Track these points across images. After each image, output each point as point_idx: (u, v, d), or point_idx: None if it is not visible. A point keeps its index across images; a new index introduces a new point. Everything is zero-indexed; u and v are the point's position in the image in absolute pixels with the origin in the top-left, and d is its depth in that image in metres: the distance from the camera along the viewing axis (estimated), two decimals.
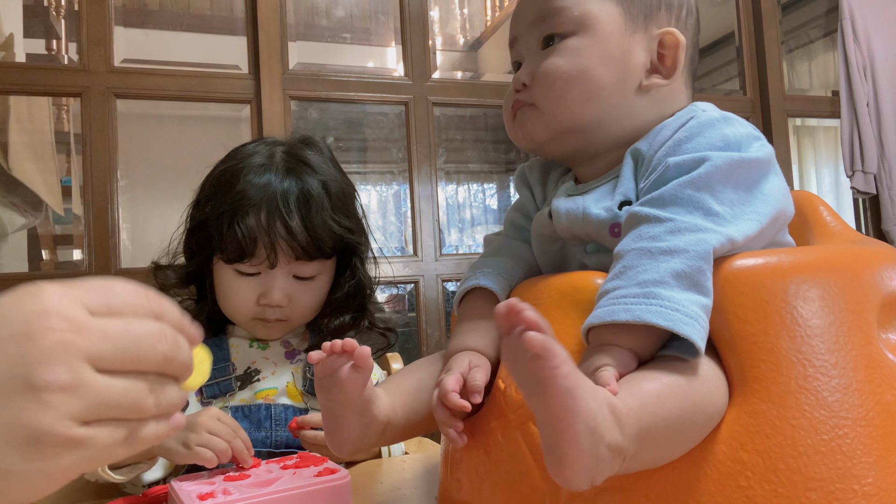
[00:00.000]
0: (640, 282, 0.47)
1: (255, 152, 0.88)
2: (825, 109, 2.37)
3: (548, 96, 0.60)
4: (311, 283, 0.88)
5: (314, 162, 0.88)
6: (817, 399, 0.45)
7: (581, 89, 0.59)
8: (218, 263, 0.87)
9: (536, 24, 0.62)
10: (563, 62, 0.59)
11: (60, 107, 2.46)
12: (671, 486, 0.46)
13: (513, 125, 0.64)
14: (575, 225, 0.59)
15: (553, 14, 0.60)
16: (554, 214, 0.61)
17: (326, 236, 0.85)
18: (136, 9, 2.99)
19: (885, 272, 0.52)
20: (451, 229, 4.09)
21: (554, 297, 0.55)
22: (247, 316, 0.87)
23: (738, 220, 0.50)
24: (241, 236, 0.82)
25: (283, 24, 1.78)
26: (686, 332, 0.45)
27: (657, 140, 0.57)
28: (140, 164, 2.41)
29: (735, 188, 0.51)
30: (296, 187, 0.84)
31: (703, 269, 0.47)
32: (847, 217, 2.47)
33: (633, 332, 0.47)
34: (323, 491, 0.59)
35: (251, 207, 0.83)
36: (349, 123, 3.58)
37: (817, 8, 2.65)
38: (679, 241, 0.48)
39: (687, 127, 0.56)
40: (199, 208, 0.88)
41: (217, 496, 0.57)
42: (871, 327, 0.49)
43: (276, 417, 0.85)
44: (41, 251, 2.41)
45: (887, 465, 0.45)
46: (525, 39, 0.63)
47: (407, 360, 1.16)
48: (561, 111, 0.60)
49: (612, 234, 0.56)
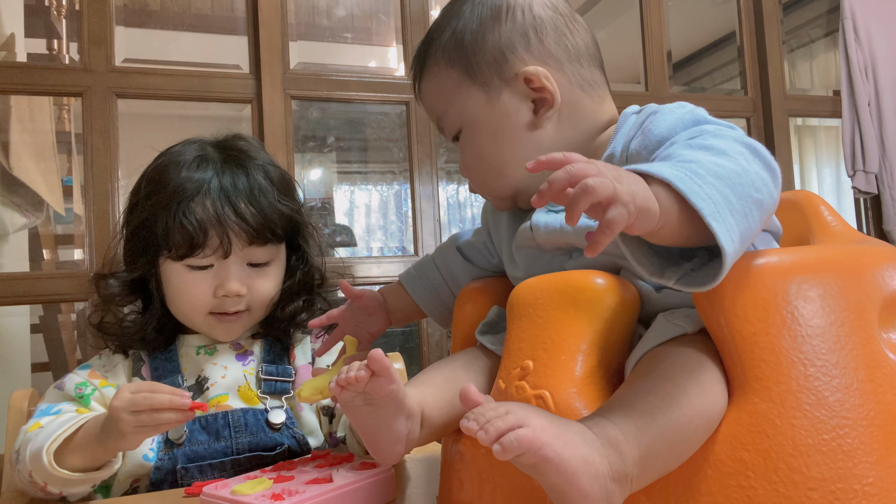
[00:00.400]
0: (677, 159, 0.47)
1: (185, 150, 0.87)
2: (826, 109, 2.37)
3: (478, 185, 0.68)
4: (266, 269, 0.87)
5: (249, 150, 0.88)
6: (818, 399, 0.45)
7: (490, 169, 0.66)
8: (166, 263, 0.84)
9: (440, 130, 0.70)
10: (467, 159, 0.68)
11: (61, 106, 2.46)
12: (672, 485, 0.46)
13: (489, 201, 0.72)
14: (553, 235, 0.62)
15: (441, 123, 0.69)
16: (534, 228, 0.64)
17: (276, 217, 0.85)
18: (137, 9, 3.00)
19: (886, 272, 0.52)
20: (451, 229, 4.09)
21: (554, 297, 0.55)
22: (204, 313, 0.85)
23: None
24: (190, 228, 0.80)
25: (284, 23, 1.78)
26: (699, 205, 0.41)
27: (622, 140, 0.60)
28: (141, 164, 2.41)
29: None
30: (239, 173, 0.84)
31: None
32: (848, 217, 2.47)
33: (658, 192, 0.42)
34: (376, 483, 0.63)
35: (196, 197, 0.81)
36: (350, 123, 3.58)
37: (818, 7, 2.65)
38: (720, 143, 0.48)
39: (649, 119, 0.58)
40: (136, 210, 0.85)
41: (284, 497, 0.58)
42: (872, 327, 0.49)
43: (235, 424, 0.82)
44: (42, 251, 2.42)
45: (888, 465, 0.45)
46: (445, 137, 0.71)
47: (407, 360, 1.16)
48: (493, 189, 0.68)
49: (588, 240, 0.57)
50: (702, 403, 0.45)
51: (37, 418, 0.79)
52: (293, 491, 0.59)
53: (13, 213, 2.05)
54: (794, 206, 0.69)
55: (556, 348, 0.53)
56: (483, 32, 0.64)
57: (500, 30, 0.64)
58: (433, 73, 0.68)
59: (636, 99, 2.16)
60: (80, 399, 0.82)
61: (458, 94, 0.65)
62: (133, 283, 0.87)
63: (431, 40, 0.68)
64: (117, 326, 0.87)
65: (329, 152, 3.74)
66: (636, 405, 0.44)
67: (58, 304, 2.30)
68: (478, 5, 0.65)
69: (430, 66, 0.68)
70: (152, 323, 0.86)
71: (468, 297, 0.74)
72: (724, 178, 0.44)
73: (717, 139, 0.49)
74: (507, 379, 0.56)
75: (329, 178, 3.92)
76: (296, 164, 1.81)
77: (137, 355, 0.87)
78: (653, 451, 0.42)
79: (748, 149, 0.49)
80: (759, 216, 0.45)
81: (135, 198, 0.87)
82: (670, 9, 2.23)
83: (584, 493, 0.39)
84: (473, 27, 0.64)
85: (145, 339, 0.86)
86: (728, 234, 0.41)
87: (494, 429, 0.39)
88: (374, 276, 1.80)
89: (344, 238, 3.30)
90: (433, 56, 0.67)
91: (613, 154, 0.61)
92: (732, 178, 0.44)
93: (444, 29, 0.67)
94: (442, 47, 0.66)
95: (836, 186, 3.48)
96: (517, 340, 0.56)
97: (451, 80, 0.66)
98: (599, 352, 0.53)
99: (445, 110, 0.67)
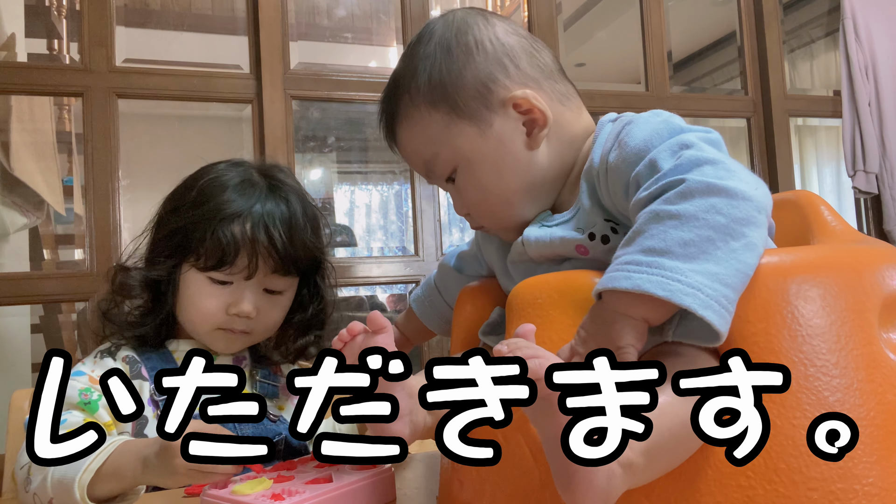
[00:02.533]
0: (644, 248, 0.48)
1: (230, 170, 0.90)
2: (827, 109, 2.37)
3: (487, 221, 0.69)
4: (279, 297, 0.90)
5: (290, 185, 0.92)
6: (818, 399, 0.45)
7: (498, 202, 0.66)
8: (189, 271, 0.86)
9: (430, 175, 0.69)
10: (469, 196, 0.67)
11: (62, 106, 2.46)
12: (672, 485, 0.46)
13: (491, 232, 0.72)
14: (543, 248, 0.64)
15: (431, 167, 0.68)
16: (525, 243, 0.65)
17: (303, 252, 0.88)
18: (137, 9, 3.00)
19: (886, 272, 0.52)
20: (451, 229, 4.09)
21: (552, 297, 0.55)
22: (212, 325, 0.87)
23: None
24: (224, 243, 0.83)
25: (285, 23, 1.78)
26: (686, 302, 0.45)
27: (598, 150, 0.61)
28: (142, 164, 2.41)
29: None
30: (280, 205, 0.88)
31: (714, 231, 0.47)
32: (848, 217, 2.47)
33: (639, 300, 0.47)
34: (376, 483, 0.63)
35: (237, 217, 0.84)
36: (350, 123, 3.59)
37: (819, 7, 2.65)
38: (688, 206, 0.48)
39: (625, 130, 0.59)
40: (178, 213, 0.87)
41: (284, 497, 0.58)
42: (872, 327, 0.49)
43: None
44: (43, 251, 2.42)
45: (888, 465, 0.45)
46: (435, 183, 0.71)
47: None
48: (501, 220, 0.68)
49: (580, 253, 0.61)
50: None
51: None
52: (293, 491, 0.59)
53: (13, 212, 2.05)
54: (795, 206, 0.69)
55: (556, 348, 0.53)
56: (459, 69, 0.64)
57: (475, 63, 0.64)
58: (414, 120, 0.67)
59: (636, 99, 2.16)
60: (86, 406, 0.81)
61: (448, 134, 0.65)
62: (150, 281, 0.89)
63: (401, 88, 0.67)
64: (122, 317, 0.89)
65: (329, 152, 3.74)
66: None
67: (58, 303, 2.30)
68: (443, 46, 0.65)
69: (408, 114, 0.67)
70: (155, 322, 0.89)
71: (468, 297, 0.74)
72: (702, 253, 0.47)
73: (683, 201, 0.48)
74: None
75: (329, 178, 3.93)
76: (296, 164, 1.81)
77: (131, 357, 0.87)
78: (659, 445, 0.42)
79: (714, 192, 0.48)
80: (750, 256, 0.47)
81: (177, 202, 0.89)
82: (670, 9, 2.23)
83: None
84: (448, 66, 0.64)
85: (144, 336, 0.89)
86: (719, 317, 0.45)
87: (523, 352, 0.41)
88: (374, 276, 1.80)
89: (344, 238, 3.31)
90: (410, 102, 0.66)
91: (592, 165, 0.62)
92: (710, 251, 0.47)
93: (414, 73, 0.66)
94: (418, 91, 0.65)
95: (837, 186, 3.48)
96: None
97: (437, 121, 0.65)
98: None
99: (436, 153, 0.66)
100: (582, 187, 0.62)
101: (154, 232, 0.91)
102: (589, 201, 0.61)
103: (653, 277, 0.46)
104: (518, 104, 0.64)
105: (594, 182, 0.61)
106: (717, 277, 0.45)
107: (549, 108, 0.65)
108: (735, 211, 0.47)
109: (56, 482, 0.71)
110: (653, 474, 0.45)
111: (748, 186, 0.49)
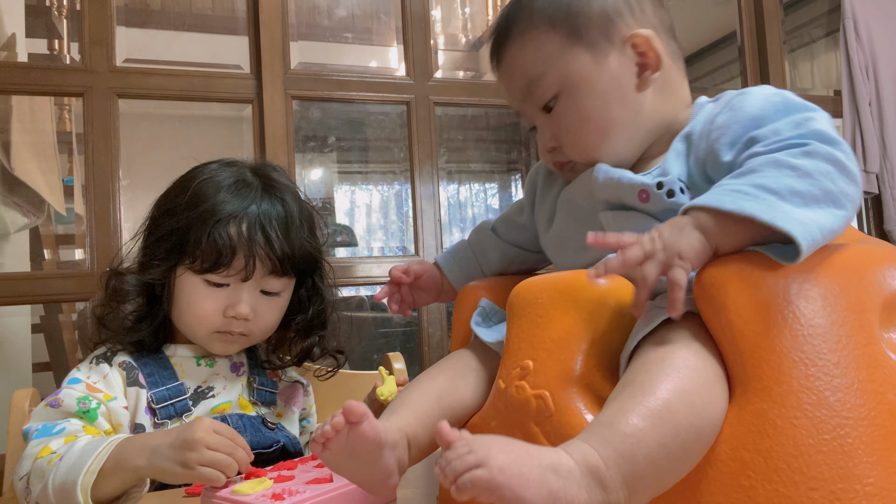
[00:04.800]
0: (756, 184, 0.50)
1: (223, 170, 0.89)
2: (827, 109, 2.33)
3: (578, 152, 0.67)
4: (276, 299, 0.89)
5: (285, 184, 0.91)
6: (819, 399, 0.45)
7: (596, 132, 0.65)
8: (185, 274, 0.85)
9: (526, 99, 0.68)
10: (569, 122, 0.66)
11: (62, 106, 2.46)
12: (672, 486, 0.46)
13: (565, 175, 0.71)
14: (609, 186, 0.63)
15: (533, 88, 0.66)
16: (597, 172, 0.64)
17: (300, 253, 0.88)
18: (138, 9, 3.00)
19: (887, 272, 0.51)
20: (452, 229, 4.09)
21: (553, 297, 0.55)
22: (210, 328, 0.86)
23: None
24: (221, 245, 0.82)
25: (285, 23, 1.78)
26: (788, 226, 0.47)
27: (700, 122, 0.62)
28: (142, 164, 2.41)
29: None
30: (276, 205, 0.87)
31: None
32: None
33: (731, 223, 0.50)
34: None
35: (233, 218, 0.83)
36: (351, 123, 3.59)
37: (819, 7, 2.65)
38: (808, 164, 0.51)
39: (736, 98, 0.61)
40: (172, 216, 0.86)
41: (284, 497, 0.57)
42: (873, 327, 0.49)
43: (235, 426, 0.82)
44: (43, 251, 2.42)
45: (889, 465, 0.45)
46: (526, 111, 0.69)
47: (408, 360, 1.17)
48: (595, 154, 0.66)
49: (641, 199, 0.60)
50: (688, 419, 0.44)
51: (39, 439, 0.77)
52: (293, 491, 0.59)
53: (14, 212, 2.05)
54: None
55: (556, 348, 0.53)
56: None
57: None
58: (530, 37, 0.66)
59: None
60: (84, 414, 0.79)
61: (562, 56, 0.64)
62: (145, 285, 0.88)
63: (523, 5, 0.67)
64: (117, 323, 0.88)
65: (330, 152, 3.74)
66: (617, 428, 0.43)
67: (59, 304, 2.30)
68: None
69: (524, 30, 0.66)
70: (151, 326, 0.88)
71: (468, 296, 0.74)
72: (806, 204, 0.49)
73: (805, 158, 0.51)
74: (506, 379, 0.56)
75: (330, 178, 3.92)
76: (296, 164, 1.81)
77: (127, 363, 0.86)
78: (637, 474, 0.42)
79: (833, 163, 0.52)
80: (840, 227, 0.50)
81: (171, 204, 0.88)
82: (671, 8, 2.23)
83: None
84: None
85: (141, 341, 0.87)
86: (803, 227, 0.47)
87: (451, 470, 0.40)
88: (374, 276, 1.80)
89: (345, 238, 3.31)
90: (529, 19, 0.66)
91: (692, 132, 0.62)
92: (813, 207, 0.50)
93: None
94: (540, 10, 0.65)
95: None
96: (517, 340, 0.56)
97: (554, 42, 0.65)
98: (599, 352, 0.53)
99: (543, 73, 0.65)
100: (673, 148, 0.63)
101: (147, 235, 0.89)
102: (674, 163, 0.62)
103: (759, 204, 0.48)
104: (637, 44, 0.64)
105: (688, 144, 0.62)
106: (816, 223, 0.48)
107: (663, 56, 0.65)
108: (846, 186, 0.51)
109: (58, 488, 0.71)
110: (647, 498, 0.45)
111: (859, 174, 0.53)
